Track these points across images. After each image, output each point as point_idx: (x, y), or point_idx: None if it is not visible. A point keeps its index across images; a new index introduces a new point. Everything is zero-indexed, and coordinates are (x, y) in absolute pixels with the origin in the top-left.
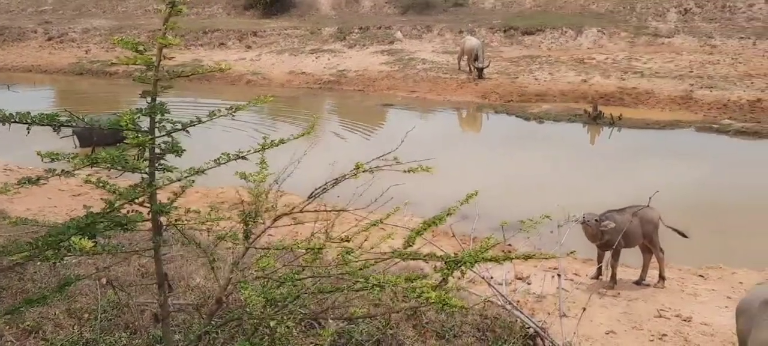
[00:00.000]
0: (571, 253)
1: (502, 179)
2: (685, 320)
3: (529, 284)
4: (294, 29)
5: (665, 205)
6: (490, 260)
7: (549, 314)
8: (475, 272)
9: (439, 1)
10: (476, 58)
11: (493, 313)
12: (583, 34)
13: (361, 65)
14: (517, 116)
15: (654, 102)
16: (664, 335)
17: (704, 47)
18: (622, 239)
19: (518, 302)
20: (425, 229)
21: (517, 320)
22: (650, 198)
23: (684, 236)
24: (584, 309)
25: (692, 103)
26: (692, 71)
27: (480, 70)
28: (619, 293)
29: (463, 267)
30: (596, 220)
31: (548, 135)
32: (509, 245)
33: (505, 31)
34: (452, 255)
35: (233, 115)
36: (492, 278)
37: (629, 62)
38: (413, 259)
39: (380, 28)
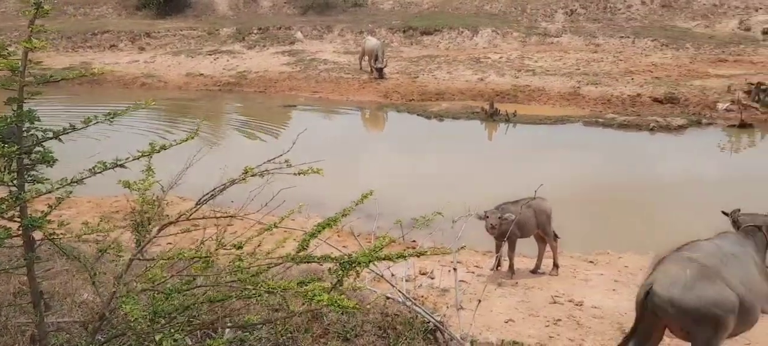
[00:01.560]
0: (462, 247)
1: (406, 176)
2: (577, 305)
3: (432, 279)
4: (190, 30)
5: (557, 196)
6: (385, 259)
7: (448, 307)
8: (372, 271)
9: (339, 1)
10: (376, 59)
11: (394, 310)
12: (479, 34)
13: (262, 66)
14: (418, 115)
15: (545, 99)
16: (559, 320)
17: (589, 46)
18: (518, 229)
19: (422, 297)
20: (320, 231)
21: (417, 316)
22: (536, 191)
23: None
24: (479, 301)
25: (580, 99)
26: (579, 69)
27: (379, 71)
28: (517, 283)
29: (358, 267)
30: (499, 217)
31: (448, 132)
32: (414, 241)
33: (404, 32)
34: (346, 256)
35: (111, 122)
36: (393, 275)
37: (522, 61)
38: (307, 262)
39: (280, 28)
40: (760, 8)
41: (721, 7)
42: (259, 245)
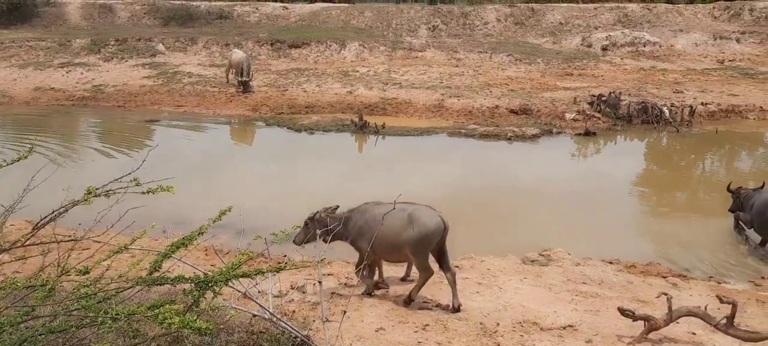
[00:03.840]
0: (322, 259)
1: (277, 190)
2: (444, 309)
3: (303, 292)
4: (39, 41)
5: (426, 202)
6: (243, 276)
7: (314, 320)
8: (235, 288)
9: (203, 13)
10: (242, 72)
11: (260, 327)
12: (347, 48)
13: (121, 79)
14: (288, 128)
15: (412, 111)
16: (427, 325)
17: (451, 60)
18: None
19: (292, 312)
20: (174, 251)
21: (284, 332)
22: (395, 201)
23: None
24: (344, 312)
25: (444, 111)
26: (442, 82)
27: (245, 84)
28: (387, 291)
29: (215, 287)
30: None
31: (319, 145)
32: (284, 255)
33: (272, 44)
34: (202, 276)
35: None
36: (260, 292)
37: (389, 74)
38: (159, 284)
39: (140, 40)
40: (599, 27)
41: (566, 25)
42: (107, 269)
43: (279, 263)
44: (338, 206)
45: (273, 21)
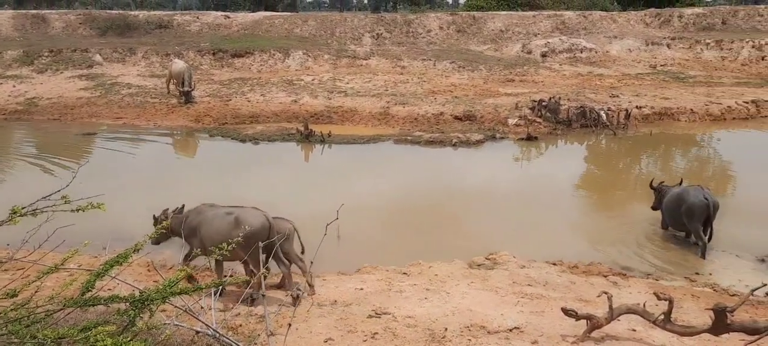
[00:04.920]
0: (267, 271)
1: (222, 202)
2: (392, 316)
3: (251, 305)
4: None
5: (372, 211)
6: (181, 293)
7: (259, 334)
8: (172, 304)
9: (142, 22)
10: (183, 82)
11: (203, 344)
12: (291, 57)
13: (56, 92)
14: (232, 138)
15: (358, 119)
16: (376, 333)
17: (396, 68)
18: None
19: (239, 326)
20: (108, 270)
21: None
22: (338, 210)
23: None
24: (290, 325)
25: (389, 119)
26: (387, 90)
27: (187, 95)
28: (336, 301)
29: (152, 305)
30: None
31: (264, 155)
32: (231, 269)
33: (214, 54)
34: (137, 294)
35: None
36: (202, 308)
37: (334, 83)
38: (91, 305)
39: (76, 50)
40: (538, 34)
41: (506, 32)
42: (36, 291)
43: (229, 275)
44: (184, 206)
45: (214, 30)
